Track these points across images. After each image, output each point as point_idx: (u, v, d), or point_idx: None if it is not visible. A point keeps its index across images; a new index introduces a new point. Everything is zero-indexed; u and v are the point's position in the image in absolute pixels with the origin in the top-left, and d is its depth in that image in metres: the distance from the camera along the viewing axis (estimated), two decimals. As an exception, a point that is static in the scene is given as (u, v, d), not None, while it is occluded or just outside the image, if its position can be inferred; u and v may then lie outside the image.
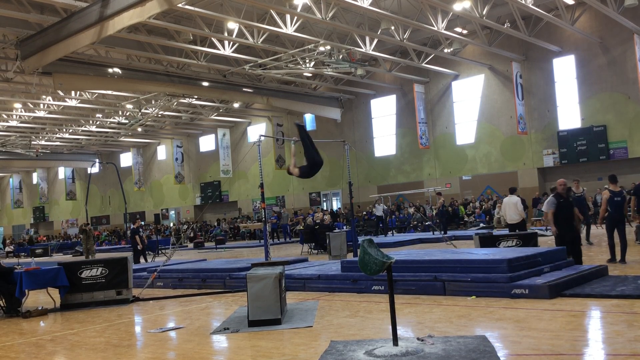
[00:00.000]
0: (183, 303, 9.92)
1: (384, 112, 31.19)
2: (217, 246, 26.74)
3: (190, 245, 31.26)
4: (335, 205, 33.85)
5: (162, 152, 42.79)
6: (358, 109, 32.13)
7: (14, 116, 31.66)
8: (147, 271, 13.06)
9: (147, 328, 7.82)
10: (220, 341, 6.61)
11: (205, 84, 26.98)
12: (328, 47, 22.78)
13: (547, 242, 15.88)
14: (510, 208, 12.98)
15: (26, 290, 9.77)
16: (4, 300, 9.83)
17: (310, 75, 28.65)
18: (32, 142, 37.00)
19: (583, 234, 13.72)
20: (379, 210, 25.53)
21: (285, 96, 30.17)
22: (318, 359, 5.26)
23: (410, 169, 30.10)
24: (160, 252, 23.38)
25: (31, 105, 29.99)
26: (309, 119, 34.46)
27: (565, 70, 25.08)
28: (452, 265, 8.65)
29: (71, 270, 10.20)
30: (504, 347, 5.31)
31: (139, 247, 18.94)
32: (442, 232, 20.98)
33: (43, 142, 38.11)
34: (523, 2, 19.20)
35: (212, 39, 21.55)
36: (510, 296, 7.67)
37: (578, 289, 7.72)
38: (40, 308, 9.77)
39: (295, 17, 19.76)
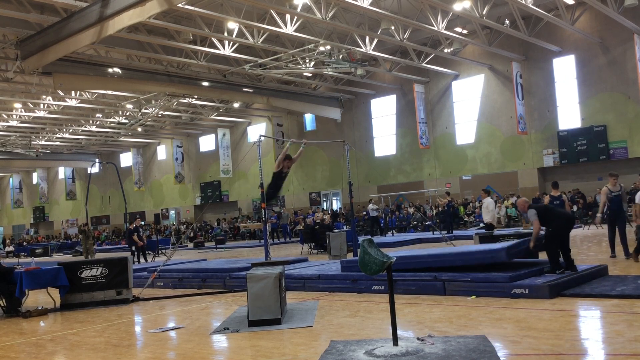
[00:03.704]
0: (183, 303, 9.91)
1: (384, 112, 31.18)
2: (217, 246, 26.73)
3: (190, 245, 31.26)
4: (335, 205, 33.83)
5: (162, 152, 42.78)
6: (358, 109, 32.12)
7: (14, 116, 31.66)
8: (147, 271, 13.05)
9: (147, 328, 7.82)
10: (220, 341, 6.61)
11: (205, 84, 26.98)
12: (328, 47, 22.77)
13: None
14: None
15: (26, 290, 9.76)
16: (4, 300, 9.82)
17: (310, 75, 28.64)
18: (32, 142, 37.00)
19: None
20: (372, 212, 25.54)
21: (285, 96, 30.16)
22: (318, 359, 5.26)
23: (410, 169, 30.10)
24: (160, 252, 23.37)
25: (31, 105, 29.99)
26: (309, 119, 34.46)
27: (565, 70, 25.08)
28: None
29: (71, 270, 10.19)
30: (504, 347, 5.31)
31: (139, 244, 18.89)
32: (447, 232, 21.04)
33: (43, 142, 38.12)
34: (523, 2, 19.20)
35: (212, 39, 21.55)
36: (510, 296, 7.66)
37: (578, 289, 7.72)
38: (40, 308, 9.77)
39: (295, 17, 19.76)
